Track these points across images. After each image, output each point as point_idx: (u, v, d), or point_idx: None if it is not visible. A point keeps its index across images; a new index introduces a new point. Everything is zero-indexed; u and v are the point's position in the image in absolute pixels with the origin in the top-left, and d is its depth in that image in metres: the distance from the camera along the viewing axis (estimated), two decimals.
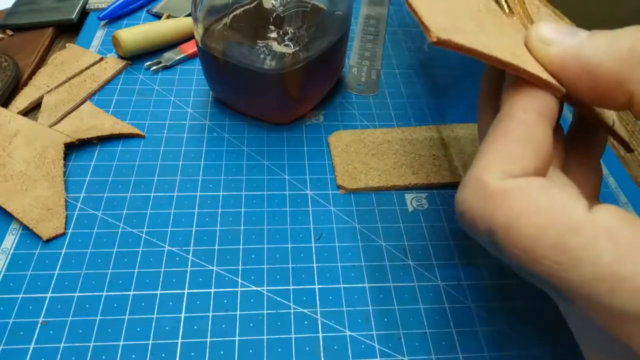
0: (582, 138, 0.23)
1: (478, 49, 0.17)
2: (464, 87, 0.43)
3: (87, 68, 0.41)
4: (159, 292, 0.27)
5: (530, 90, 0.18)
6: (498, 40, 0.19)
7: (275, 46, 0.33)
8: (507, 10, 0.22)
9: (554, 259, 0.15)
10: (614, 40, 0.17)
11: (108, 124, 0.36)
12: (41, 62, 0.43)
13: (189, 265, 0.29)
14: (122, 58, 0.42)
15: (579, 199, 0.16)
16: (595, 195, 0.22)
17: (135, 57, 0.42)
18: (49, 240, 0.29)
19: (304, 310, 0.27)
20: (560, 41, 0.18)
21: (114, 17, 0.47)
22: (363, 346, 0.26)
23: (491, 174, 0.17)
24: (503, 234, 0.16)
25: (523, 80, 0.18)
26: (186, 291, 0.28)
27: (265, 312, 0.27)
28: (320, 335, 0.26)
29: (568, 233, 0.15)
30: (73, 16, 0.45)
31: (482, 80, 0.24)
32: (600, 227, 0.15)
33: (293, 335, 0.26)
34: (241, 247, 0.30)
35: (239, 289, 0.28)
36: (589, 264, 0.14)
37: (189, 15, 0.47)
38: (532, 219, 0.15)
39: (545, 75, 0.18)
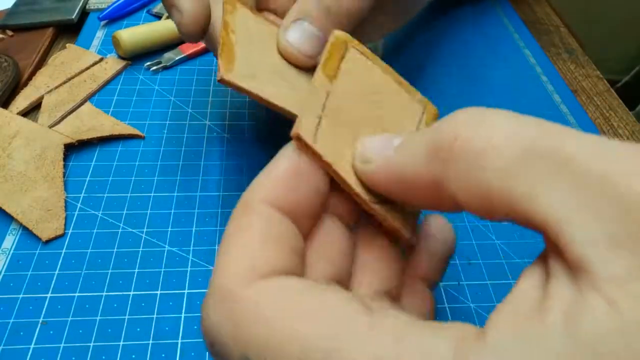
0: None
1: (265, 96, 0.20)
2: (463, 87, 0.43)
3: (87, 68, 0.41)
4: (159, 292, 0.27)
5: (278, 182, 0.16)
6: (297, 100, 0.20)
7: None
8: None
9: None
10: (415, 144, 0.15)
11: (108, 124, 0.36)
12: (41, 63, 0.43)
13: (189, 265, 0.29)
14: (122, 58, 0.42)
15: (356, 301, 0.13)
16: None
17: (135, 58, 0.42)
18: (48, 241, 0.29)
19: None
20: (376, 158, 0.16)
21: (114, 18, 0.47)
22: None
23: (235, 278, 0.13)
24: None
25: (274, 168, 0.16)
26: (186, 291, 0.28)
27: None
28: None
29: (351, 350, 0.12)
30: (73, 16, 0.45)
31: None
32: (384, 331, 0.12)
33: None
34: None
35: None
36: None
37: None
38: (301, 330, 0.12)
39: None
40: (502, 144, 0.12)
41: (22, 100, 0.38)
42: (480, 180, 0.13)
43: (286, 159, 0.16)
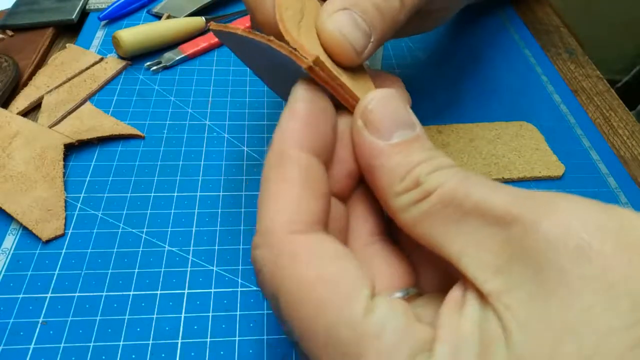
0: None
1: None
2: (463, 87, 0.43)
3: (87, 68, 0.41)
4: (159, 292, 0.27)
5: (305, 123, 0.17)
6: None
7: None
8: None
9: (323, 345, 0.14)
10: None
11: (108, 124, 0.36)
12: (41, 63, 0.43)
13: (189, 265, 0.29)
14: (122, 58, 0.42)
15: (364, 280, 0.15)
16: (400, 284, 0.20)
17: (136, 58, 0.42)
18: (48, 241, 0.29)
19: None
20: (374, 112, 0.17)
21: (114, 18, 0.47)
22: None
23: (279, 226, 0.15)
24: (285, 302, 0.15)
25: (296, 110, 0.17)
26: (186, 291, 0.28)
27: (265, 312, 0.27)
28: None
29: (342, 324, 0.14)
30: (73, 16, 0.45)
31: None
32: (373, 326, 0.14)
33: None
34: (241, 247, 0.30)
35: (238, 289, 0.28)
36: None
37: (189, 15, 0.47)
38: (316, 293, 0.14)
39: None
40: (432, 195, 0.16)
41: (22, 100, 0.38)
42: (413, 218, 0.16)
43: (302, 100, 0.17)
